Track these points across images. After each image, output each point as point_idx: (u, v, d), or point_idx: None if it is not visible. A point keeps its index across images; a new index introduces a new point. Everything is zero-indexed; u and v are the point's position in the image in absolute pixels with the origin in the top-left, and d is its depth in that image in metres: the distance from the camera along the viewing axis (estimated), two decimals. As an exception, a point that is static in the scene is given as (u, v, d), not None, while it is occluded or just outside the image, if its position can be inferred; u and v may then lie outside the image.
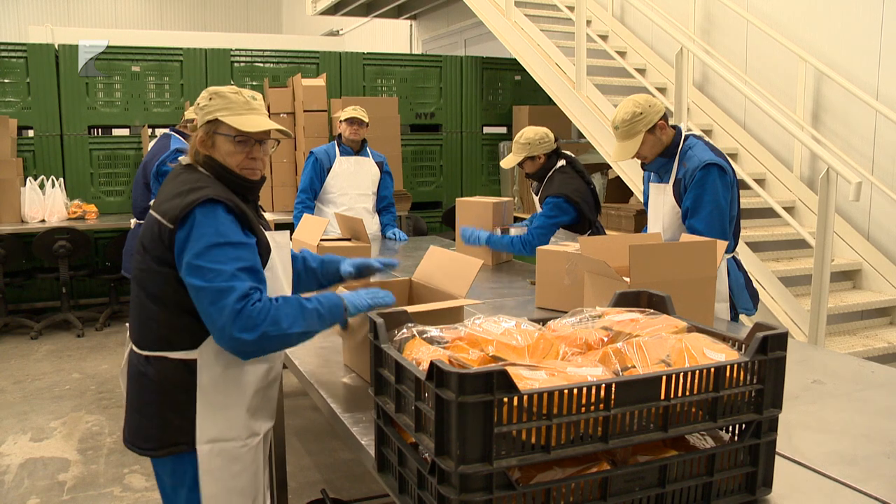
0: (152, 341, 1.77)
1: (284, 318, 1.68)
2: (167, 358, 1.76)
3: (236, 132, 1.81)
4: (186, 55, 6.74)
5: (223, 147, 1.82)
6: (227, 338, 1.65)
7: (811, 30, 4.88)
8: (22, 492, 3.33)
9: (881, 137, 4.48)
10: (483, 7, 6.38)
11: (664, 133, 2.79)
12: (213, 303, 1.64)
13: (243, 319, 1.63)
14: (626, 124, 2.76)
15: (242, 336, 1.63)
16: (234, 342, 1.65)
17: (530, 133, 3.76)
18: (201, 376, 1.75)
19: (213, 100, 1.83)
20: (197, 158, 1.85)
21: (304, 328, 1.72)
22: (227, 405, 1.79)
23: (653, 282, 1.79)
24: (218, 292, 1.64)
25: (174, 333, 1.76)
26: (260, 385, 1.84)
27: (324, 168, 4.58)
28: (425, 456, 1.21)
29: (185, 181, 1.78)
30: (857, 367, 2.12)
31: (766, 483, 1.31)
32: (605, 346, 1.35)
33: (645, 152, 2.81)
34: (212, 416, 1.77)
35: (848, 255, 4.60)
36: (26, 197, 5.88)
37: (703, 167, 2.69)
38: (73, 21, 14.46)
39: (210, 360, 1.76)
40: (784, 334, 1.28)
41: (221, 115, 1.81)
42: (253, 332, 1.63)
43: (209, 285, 1.64)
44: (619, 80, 5.75)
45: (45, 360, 5.31)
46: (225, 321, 1.63)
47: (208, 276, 1.65)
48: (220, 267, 1.65)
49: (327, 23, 12.69)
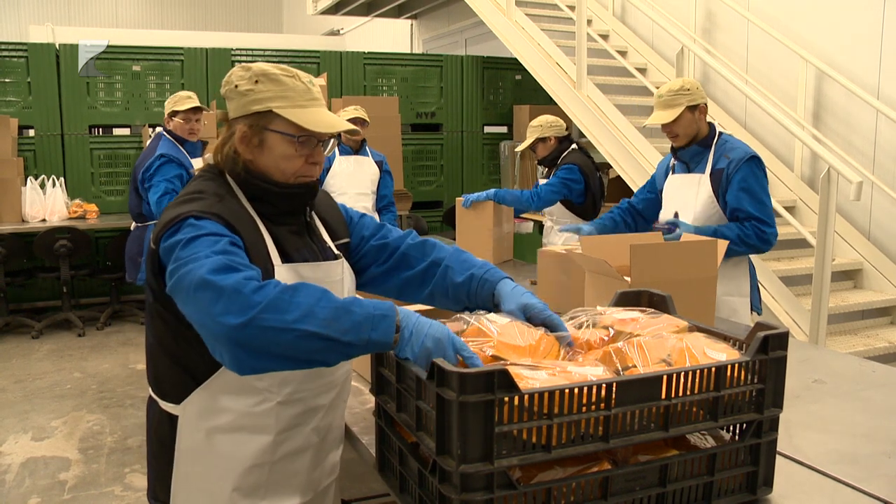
0: (151, 380, 1.50)
1: (293, 308, 1.16)
2: (158, 405, 1.47)
3: (301, 131, 1.39)
4: (187, 55, 6.75)
5: (278, 148, 1.40)
6: (213, 330, 1.17)
7: (812, 29, 4.88)
8: (23, 491, 3.33)
9: (882, 137, 4.48)
10: (484, 6, 6.37)
11: (702, 119, 2.85)
12: (195, 288, 1.19)
13: (228, 296, 1.16)
14: (671, 94, 2.83)
15: (226, 320, 1.14)
16: (221, 333, 1.16)
17: (542, 118, 4.06)
18: (181, 438, 1.41)
19: (262, 83, 1.39)
20: (225, 161, 1.44)
21: (319, 329, 1.17)
22: (213, 476, 1.41)
23: (654, 281, 1.78)
24: (196, 263, 1.22)
25: (163, 379, 1.44)
26: (260, 460, 1.42)
27: (323, 168, 4.58)
28: (426, 455, 1.21)
29: (188, 190, 1.42)
30: (858, 367, 2.12)
31: (766, 482, 1.31)
32: (605, 346, 1.35)
33: (679, 129, 2.85)
34: (191, 487, 1.43)
35: (849, 255, 4.60)
36: (27, 196, 5.88)
37: (749, 159, 2.75)
38: (74, 21, 14.45)
39: (191, 421, 1.40)
40: (785, 334, 1.28)
41: (278, 107, 1.39)
42: (241, 315, 1.14)
43: (186, 268, 1.22)
44: (620, 79, 5.75)
45: (46, 359, 5.32)
46: (207, 304, 1.17)
47: (186, 263, 1.23)
48: (200, 250, 1.24)
49: (328, 22, 12.69)
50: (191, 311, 1.23)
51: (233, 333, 1.15)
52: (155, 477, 1.50)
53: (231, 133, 1.43)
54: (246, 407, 1.39)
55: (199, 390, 1.39)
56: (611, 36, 6.33)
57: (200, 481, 1.42)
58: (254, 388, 1.39)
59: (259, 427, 1.40)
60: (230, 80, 1.44)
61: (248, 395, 1.39)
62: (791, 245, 4.73)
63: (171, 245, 1.29)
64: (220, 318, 1.15)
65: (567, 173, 3.89)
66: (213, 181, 1.44)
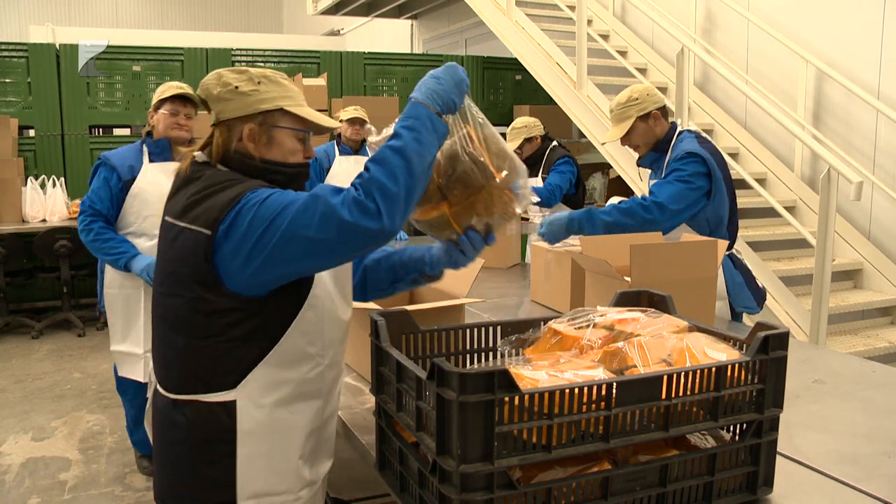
0: (181, 383, 1.45)
1: (392, 173, 1.28)
2: (200, 402, 1.43)
3: (308, 126, 1.52)
4: (187, 55, 6.75)
5: (287, 144, 1.49)
6: (365, 238, 1.27)
7: (812, 29, 4.88)
8: (23, 491, 3.33)
9: (882, 137, 4.48)
10: (484, 7, 6.37)
11: (658, 124, 2.76)
12: (309, 226, 1.27)
13: (351, 204, 1.25)
14: (620, 107, 2.77)
15: (366, 224, 1.25)
16: (379, 235, 1.27)
17: (523, 119, 4.34)
18: (242, 421, 1.42)
19: (264, 84, 1.48)
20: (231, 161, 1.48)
21: (420, 154, 1.31)
22: (275, 453, 1.46)
23: (654, 281, 1.78)
24: (304, 210, 1.28)
25: (208, 371, 1.42)
26: (315, 425, 1.51)
27: (323, 168, 4.58)
28: (426, 455, 1.21)
29: (214, 180, 1.44)
30: (859, 367, 2.12)
31: (767, 483, 1.31)
32: (606, 346, 1.35)
33: (636, 140, 2.80)
34: (256, 468, 1.45)
35: (849, 255, 4.60)
36: (27, 196, 5.88)
37: (683, 156, 2.65)
38: (75, 21, 14.46)
39: (253, 400, 1.43)
40: (785, 334, 1.28)
41: (288, 105, 1.48)
42: (379, 218, 1.25)
43: (290, 216, 1.29)
44: (620, 79, 5.75)
45: (46, 359, 5.32)
46: (342, 216, 1.24)
47: (278, 221, 1.29)
48: (282, 203, 1.31)
49: (328, 22, 12.69)
50: (318, 240, 1.28)
51: (377, 226, 1.26)
52: (203, 481, 1.46)
53: (230, 133, 1.47)
54: (302, 374, 1.46)
55: (259, 367, 1.42)
56: (611, 36, 6.33)
57: (266, 459, 1.45)
58: (307, 355, 1.46)
59: (313, 393, 1.49)
60: (224, 81, 1.48)
61: (303, 363, 1.46)
62: (791, 245, 4.73)
63: (240, 215, 1.33)
64: (364, 223, 1.25)
65: (567, 166, 4.16)
66: (219, 171, 1.47)
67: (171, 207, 1.48)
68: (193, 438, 1.44)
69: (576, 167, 4.21)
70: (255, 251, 1.32)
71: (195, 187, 1.43)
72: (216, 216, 1.35)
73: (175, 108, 3.25)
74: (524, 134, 4.25)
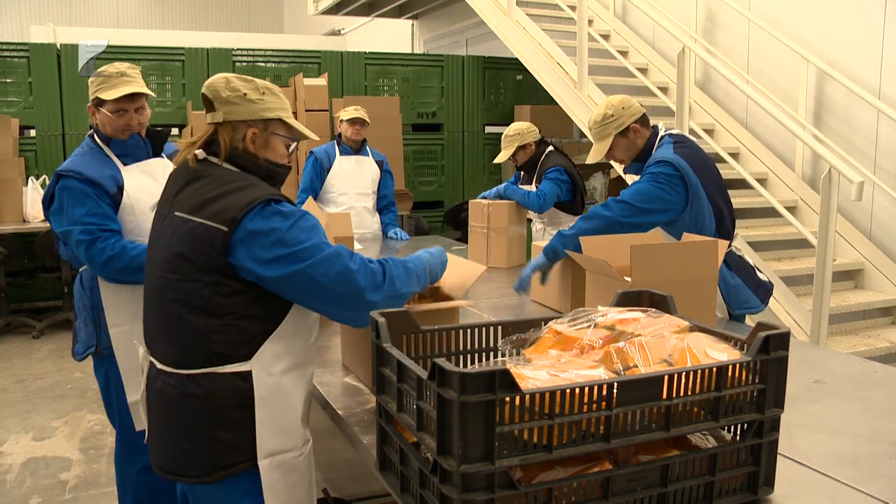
0: (199, 359, 1.60)
1: (398, 279, 1.65)
2: (217, 373, 1.59)
3: (297, 136, 1.76)
4: (188, 55, 6.75)
5: (279, 149, 1.73)
6: (357, 302, 1.59)
7: (813, 29, 4.88)
8: (24, 491, 3.33)
9: (883, 137, 4.48)
10: (485, 6, 6.38)
11: (638, 136, 2.72)
12: (325, 276, 1.55)
13: (368, 276, 1.59)
14: (598, 126, 2.73)
15: (373, 297, 1.58)
16: (366, 307, 1.56)
17: (516, 126, 4.27)
18: (259, 387, 1.61)
19: (268, 95, 1.70)
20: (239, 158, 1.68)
21: (410, 290, 1.69)
22: (285, 414, 1.67)
23: (654, 281, 1.78)
24: (326, 261, 1.56)
25: (225, 346, 1.59)
26: (308, 388, 1.76)
27: (323, 168, 4.58)
28: (427, 455, 1.21)
29: (225, 179, 1.63)
30: (859, 367, 2.12)
31: (767, 483, 1.31)
32: (606, 346, 1.35)
33: (620, 155, 2.77)
34: (271, 429, 1.64)
35: (850, 255, 4.60)
36: (28, 196, 5.88)
37: (653, 164, 2.60)
38: (75, 21, 14.47)
39: (265, 369, 1.62)
40: (786, 334, 1.28)
41: (286, 117, 1.72)
42: (378, 293, 1.60)
43: (313, 259, 1.55)
44: (621, 79, 5.75)
45: (46, 359, 5.32)
46: (356, 283, 1.57)
47: (302, 255, 1.55)
48: (310, 240, 1.56)
49: (329, 22, 12.70)
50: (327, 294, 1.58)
51: (369, 309, 1.48)
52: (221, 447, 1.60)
53: (235, 133, 1.68)
54: (301, 344, 1.70)
55: (270, 340, 1.63)
56: (612, 36, 6.33)
57: (277, 420, 1.65)
58: (306, 328, 1.70)
59: (308, 360, 1.74)
60: (233, 87, 1.66)
61: (302, 335, 1.70)
62: (792, 245, 4.73)
63: (265, 230, 1.54)
64: (370, 297, 1.59)
65: (557, 174, 4.12)
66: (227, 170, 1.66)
67: (180, 202, 1.64)
68: (212, 406, 1.59)
69: (567, 175, 4.15)
70: (273, 265, 1.54)
71: (208, 185, 1.62)
72: (234, 215, 1.54)
73: (121, 107, 2.68)
74: (517, 142, 4.21)
